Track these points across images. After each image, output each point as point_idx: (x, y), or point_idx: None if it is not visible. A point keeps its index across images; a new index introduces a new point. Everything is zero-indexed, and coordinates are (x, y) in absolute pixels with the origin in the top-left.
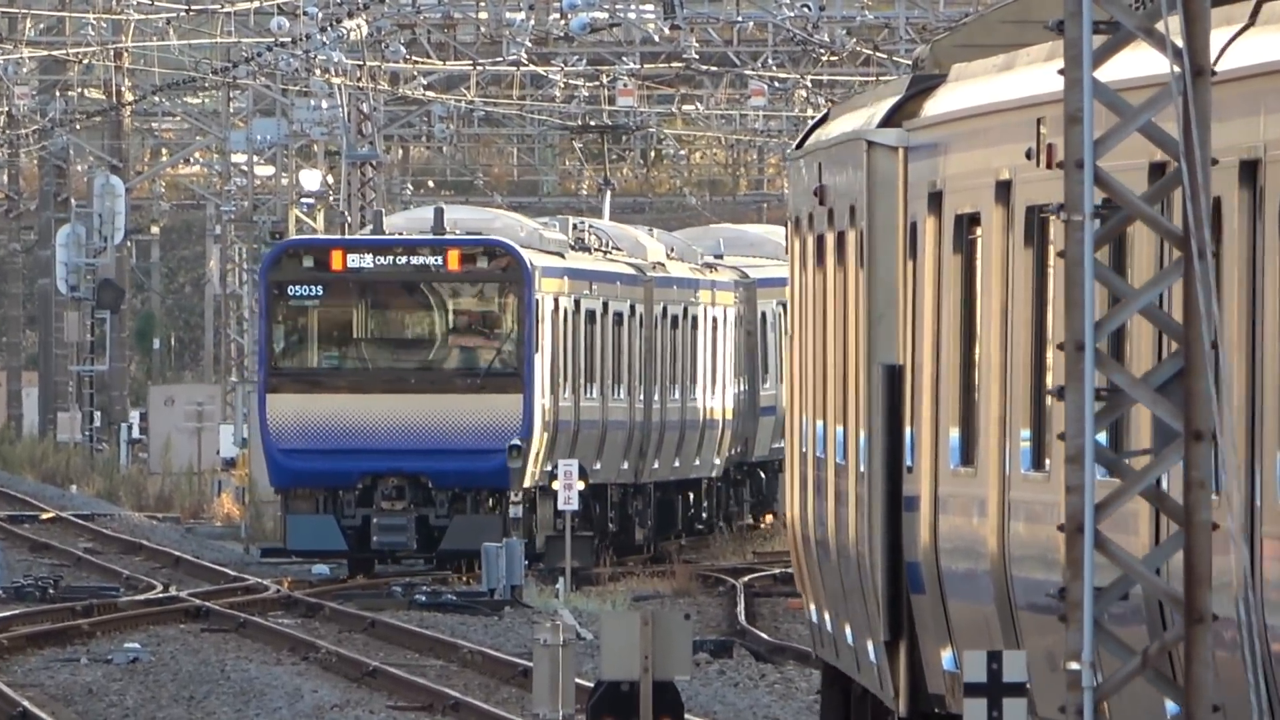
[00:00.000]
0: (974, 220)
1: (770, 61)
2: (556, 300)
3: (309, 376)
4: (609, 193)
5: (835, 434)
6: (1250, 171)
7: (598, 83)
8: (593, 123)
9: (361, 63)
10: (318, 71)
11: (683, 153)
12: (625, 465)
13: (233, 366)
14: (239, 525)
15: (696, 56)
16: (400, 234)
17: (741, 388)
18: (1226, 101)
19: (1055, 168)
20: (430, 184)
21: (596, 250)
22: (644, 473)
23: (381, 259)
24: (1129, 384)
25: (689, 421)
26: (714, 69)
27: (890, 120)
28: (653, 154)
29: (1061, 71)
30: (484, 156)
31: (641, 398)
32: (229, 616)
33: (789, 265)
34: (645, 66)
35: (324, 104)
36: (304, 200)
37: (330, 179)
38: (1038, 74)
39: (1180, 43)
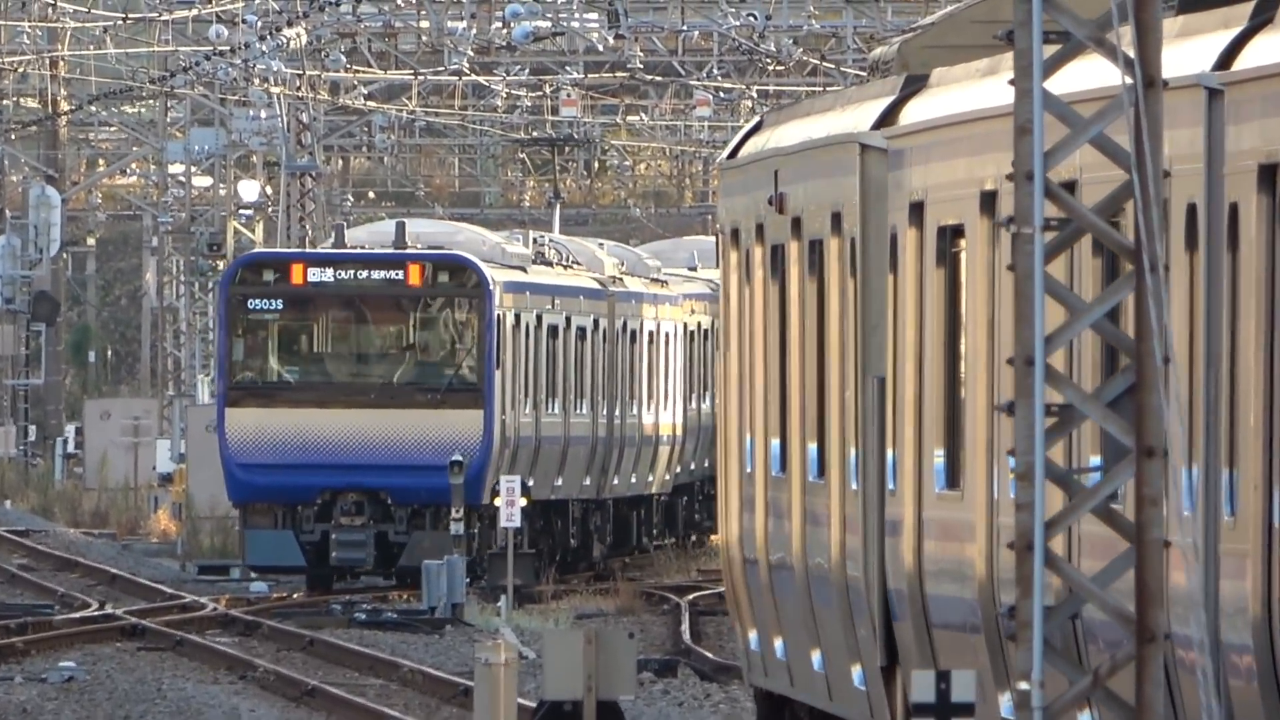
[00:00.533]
0: (957, 232)
1: (716, 71)
2: (518, 315)
3: (268, 390)
4: (559, 206)
5: (806, 451)
6: (1270, 176)
7: (541, 93)
8: (536, 133)
9: (301, 72)
10: (256, 81)
11: (627, 164)
12: (588, 481)
13: (170, 380)
14: (176, 542)
15: (641, 66)
16: (362, 248)
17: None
18: (1243, 104)
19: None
20: (371, 195)
21: (557, 264)
22: (605, 488)
23: (342, 273)
24: (1080, 399)
25: (646, 438)
26: (659, 79)
27: (885, 122)
28: (596, 165)
29: (1012, 82)
30: (425, 167)
31: (605, 413)
32: (165, 635)
33: (722, 275)
34: (589, 76)
35: (263, 114)
36: (242, 212)
37: (269, 190)
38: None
39: (1132, 53)
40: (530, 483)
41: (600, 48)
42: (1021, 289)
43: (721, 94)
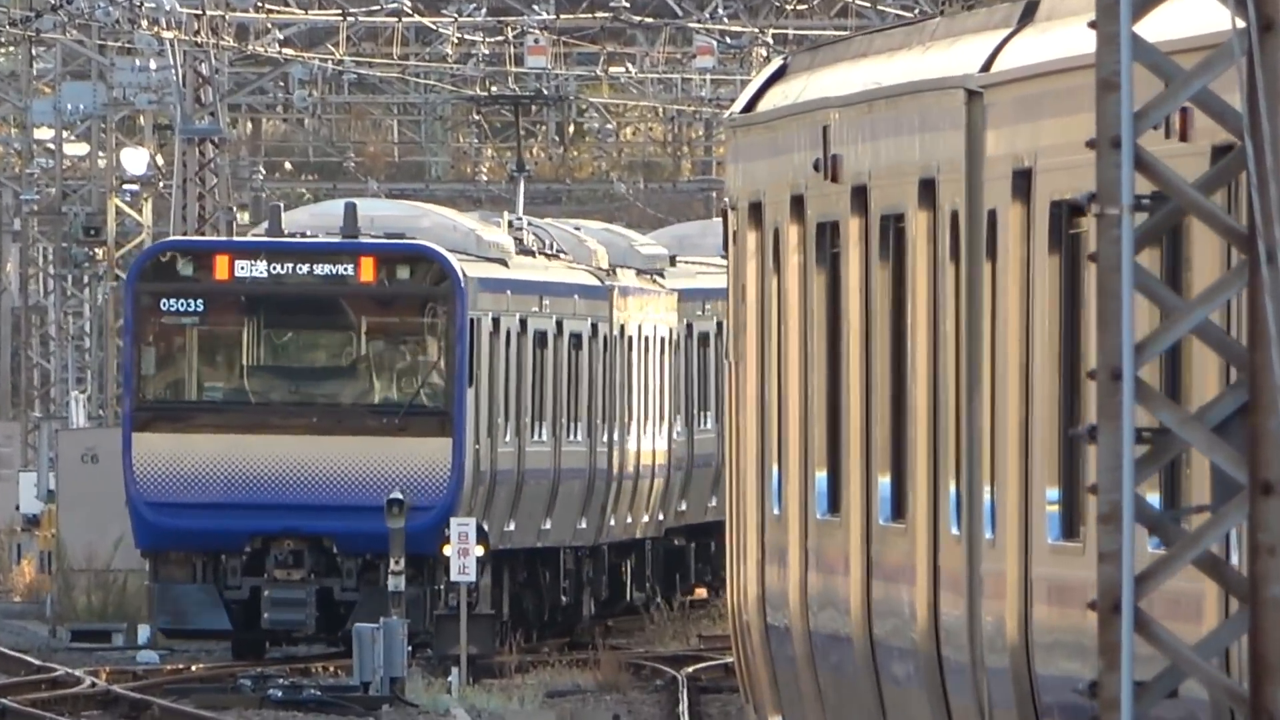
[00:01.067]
0: (1076, 210)
1: (721, 11)
2: (497, 320)
3: (185, 412)
4: (523, 180)
5: (874, 487)
6: None
7: (501, 39)
8: (495, 89)
9: (200, 11)
10: (144, 23)
11: (609, 127)
12: (583, 524)
13: (36, 398)
14: (44, 600)
15: (627, 4)
16: (303, 235)
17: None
18: None
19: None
20: (288, 166)
21: (540, 254)
22: (604, 532)
23: (278, 266)
24: (1179, 422)
25: (645, 468)
26: (649, 21)
27: (991, 64)
28: (571, 129)
29: (1093, 25)
30: (356, 131)
31: (604, 439)
32: (33, 717)
33: (734, 264)
34: (562, 18)
35: (152, 64)
36: (126, 187)
37: (160, 160)
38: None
39: None
40: (511, 527)
41: None
42: (1105, 284)
43: (728, 40)
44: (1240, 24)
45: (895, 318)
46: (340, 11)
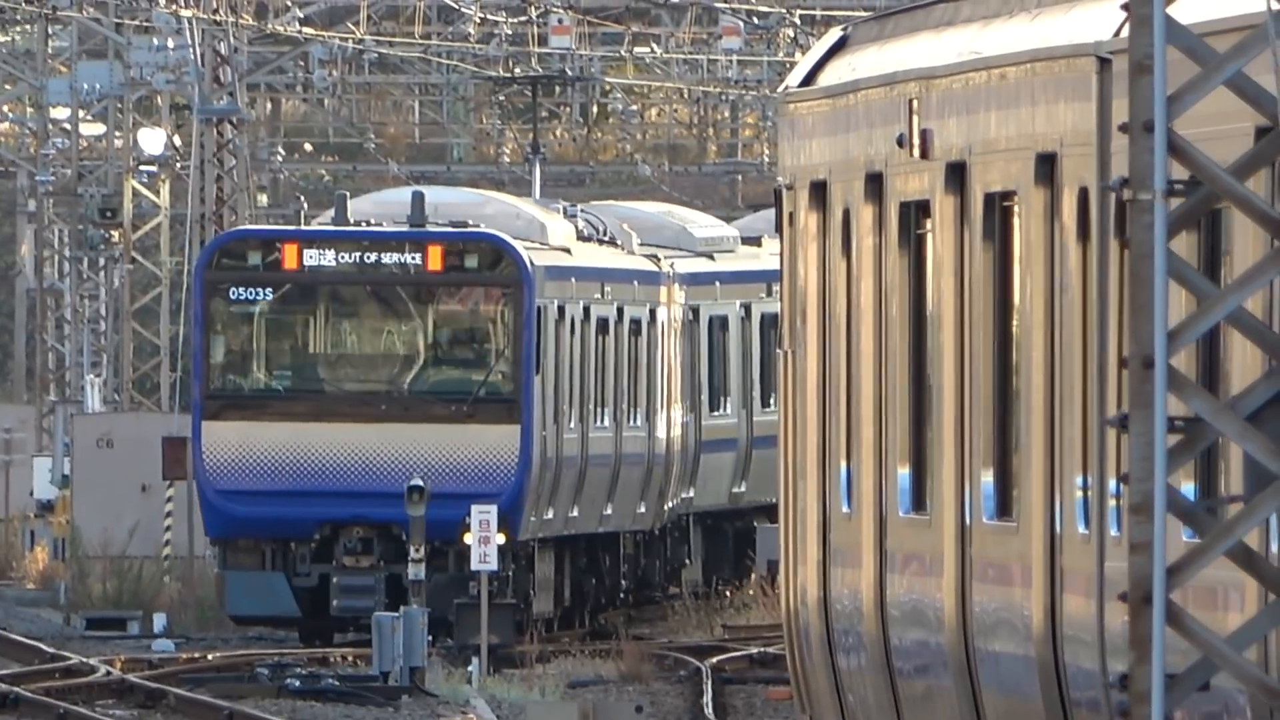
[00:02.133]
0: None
1: None
2: (561, 308)
3: (255, 401)
4: (539, 162)
5: (975, 484)
6: None
7: (525, 18)
8: (518, 70)
9: None
10: (162, 1)
11: (634, 109)
12: (642, 508)
13: (51, 382)
14: (58, 588)
15: None
16: (368, 223)
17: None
18: None
19: None
20: (307, 147)
21: (593, 240)
22: (663, 516)
23: (346, 255)
24: (1212, 412)
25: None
26: (675, 0)
27: (1123, 29)
28: (595, 111)
29: (1125, 7)
30: (376, 112)
31: (663, 424)
32: (46, 706)
33: (789, 247)
34: None
35: (170, 43)
36: (143, 168)
37: (177, 141)
38: None
39: None
40: (575, 513)
41: None
42: (1137, 270)
43: (755, 20)
44: (1276, 6)
45: (1000, 303)
46: None
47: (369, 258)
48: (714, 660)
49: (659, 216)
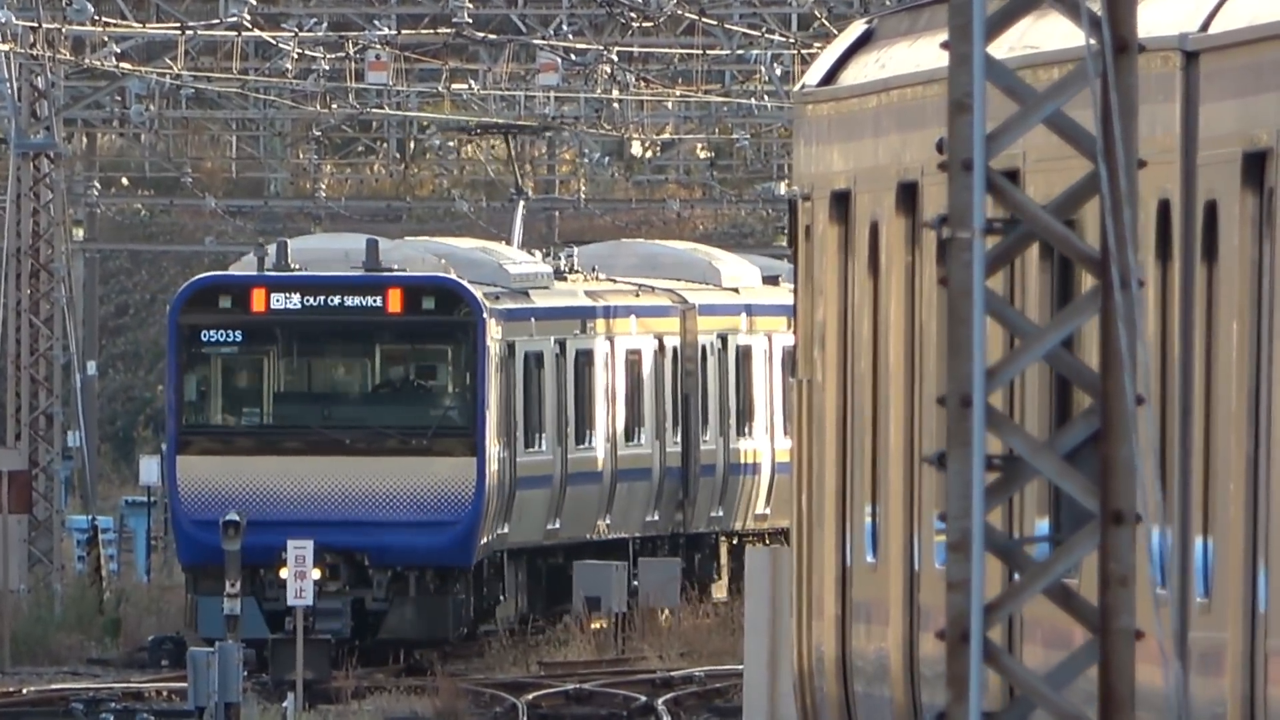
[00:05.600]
0: None
1: (565, 28)
2: (511, 345)
3: (226, 436)
4: (521, 204)
5: (1032, 528)
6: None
7: (342, 54)
8: (336, 106)
9: (36, 24)
10: None
11: (450, 144)
12: (606, 522)
13: None
14: None
15: (470, 20)
16: (304, 268)
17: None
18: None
19: None
20: (124, 181)
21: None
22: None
23: (310, 299)
24: (1031, 451)
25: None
26: (493, 37)
27: (1209, 23)
28: (411, 146)
29: (945, 46)
30: (194, 147)
31: (604, 448)
32: None
33: (804, 264)
34: (403, 33)
35: None
36: None
37: None
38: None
39: (1099, 9)
40: (557, 525)
41: None
42: (956, 308)
43: (573, 56)
44: (1095, 43)
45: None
46: (179, 25)
47: (332, 300)
48: (530, 696)
49: (474, 254)
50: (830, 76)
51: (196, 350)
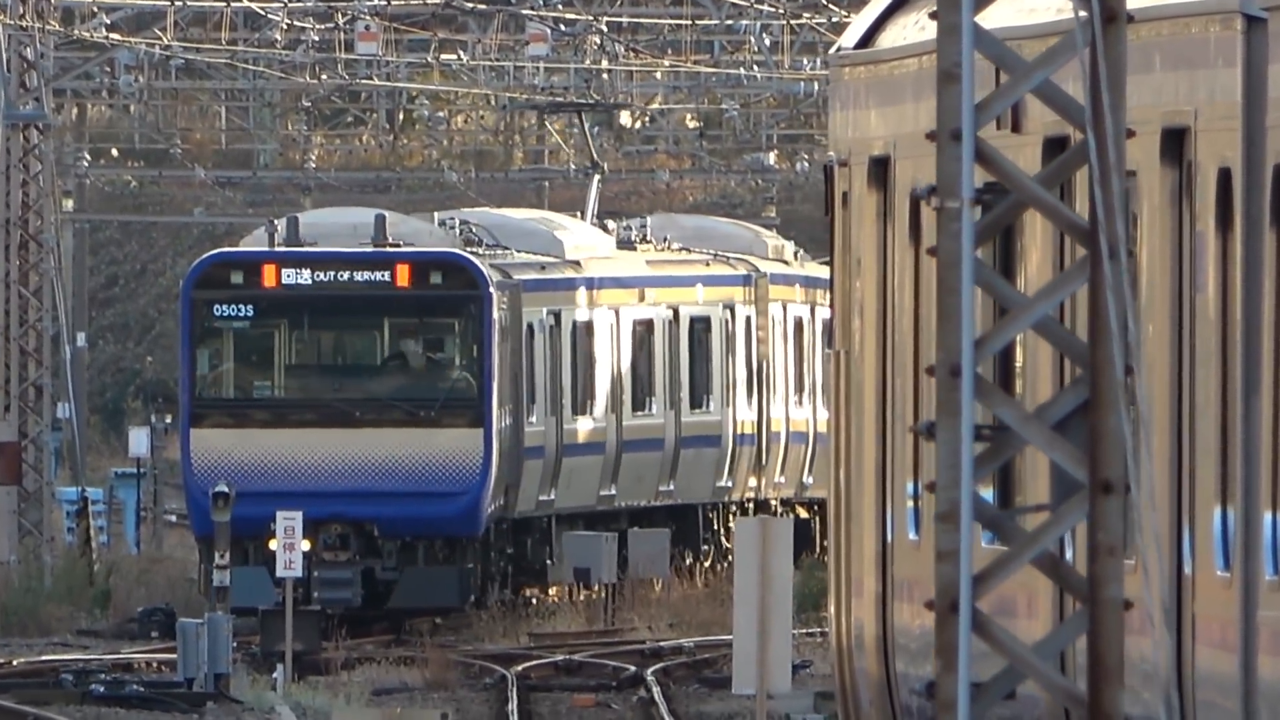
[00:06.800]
0: None
1: None
2: (518, 315)
3: (239, 409)
4: (597, 179)
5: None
6: None
7: (331, 24)
8: (325, 76)
9: None
10: None
11: (440, 115)
12: (610, 491)
13: None
14: None
15: None
16: (314, 244)
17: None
18: None
19: None
20: (114, 152)
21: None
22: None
23: (321, 274)
24: (1019, 420)
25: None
26: (482, 7)
27: None
28: (401, 117)
29: (934, 15)
30: (183, 118)
31: (613, 421)
32: None
33: (841, 232)
34: (393, 3)
35: None
36: None
37: None
38: None
39: None
40: (550, 495)
41: None
42: (945, 278)
43: (562, 27)
44: (1083, 14)
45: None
46: None
47: (342, 275)
48: (519, 668)
49: (528, 224)
50: (867, 39)
51: (209, 325)
